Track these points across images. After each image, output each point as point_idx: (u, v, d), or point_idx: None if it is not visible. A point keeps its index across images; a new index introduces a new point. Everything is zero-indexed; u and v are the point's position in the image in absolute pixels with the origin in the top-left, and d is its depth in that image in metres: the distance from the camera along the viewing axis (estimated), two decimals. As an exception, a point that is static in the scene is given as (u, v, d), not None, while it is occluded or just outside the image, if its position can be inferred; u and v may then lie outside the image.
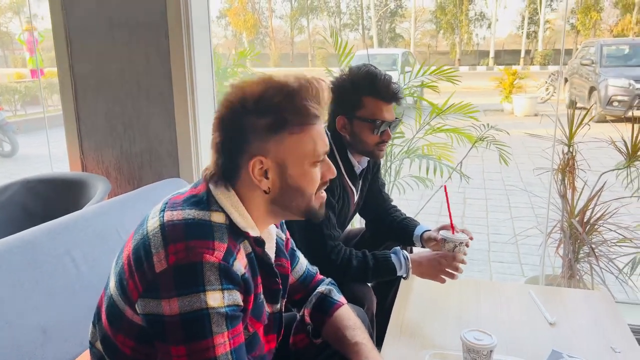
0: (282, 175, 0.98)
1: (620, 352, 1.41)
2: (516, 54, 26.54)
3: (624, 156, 2.29)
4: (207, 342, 0.87)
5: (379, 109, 1.58)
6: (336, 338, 1.21)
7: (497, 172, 4.97)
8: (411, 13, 30.41)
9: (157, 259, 0.88)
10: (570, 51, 25.50)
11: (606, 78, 8.34)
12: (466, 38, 28.37)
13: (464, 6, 27.12)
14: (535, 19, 26.88)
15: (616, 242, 2.33)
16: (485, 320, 1.40)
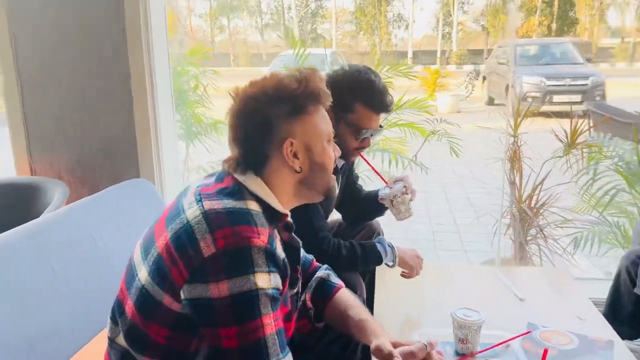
0: (309, 154, 1.06)
1: (586, 320, 1.57)
2: (433, 54, 27.65)
3: (564, 145, 2.51)
4: (256, 323, 0.91)
5: (368, 118, 1.62)
6: (339, 318, 1.26)
7: (448, 163, 5.19)
8: (332, 14, 30.78)
9: (204, 244, 0.92)
10: (481, 51, 27.04)
11: (520, 76, 8.97)
12: (385, 39, 29.14)
13: (383, 8, 27.84)
14: (449, 20, 28.15)
15: (559, 224, 2.55)
16: (462, 300, 1.49)
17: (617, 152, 2.64)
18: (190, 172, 2.81)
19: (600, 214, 2.56)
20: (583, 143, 2.53)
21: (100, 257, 1.68)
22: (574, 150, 2.50)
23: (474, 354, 1.37)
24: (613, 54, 23.59)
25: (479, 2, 26.95)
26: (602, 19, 24.51)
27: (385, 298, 1.69)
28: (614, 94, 10.14)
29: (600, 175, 2.58)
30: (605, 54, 23.47)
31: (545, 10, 24.59)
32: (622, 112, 5.61)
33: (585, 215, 2.59)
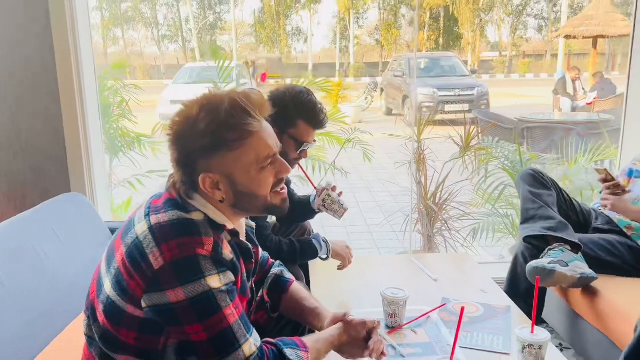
0: (233, 185, 1.08)
1: (488, 293, 1.88)
2: (332, 67, 28.41)
3: (460, 148, 2.89)
4: (219, 316, 1.02)
5: (308, 134, 1.80)
6: (295, 309, 1.41)
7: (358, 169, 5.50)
8: (231, 26, 30.63)
9: (153, 258, 0.99)
10: (377, 64, 28.31)
11: (415, 87, 9.68)
12: (286, 52, 29.51)
13: (282, 22, 28.22)
14: (346, 34, 29.16)
15: (459, 218, 2.92)
16: (385, 284, 1.66)
17: (503, 153, 3.06)
18: (115, 187, 2.83)
19: (492, 207, 2.96)
20: (475, 146, 2.91)
21: (44, 270, 1.71)
22: (468, 152, 2.88)
23: (401, 326, 1.61)
24: (493, 66, 25.93)
25: (373, 17, 28.33)
26: (483, 35, 26.87)
27: (320, 288, 1.89)
28: (496, 103, 11.22)
29: (491, 173, 2.98)
30: (486, 66, 25.73)
31: (432, 25, 26.47)
32: (504, 119, 6.34)
33: (481, 209, 2.99)
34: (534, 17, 28.37)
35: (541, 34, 28.58)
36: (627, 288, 1.90)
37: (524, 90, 16.30)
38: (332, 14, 29.39)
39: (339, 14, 27.36)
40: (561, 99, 9.09)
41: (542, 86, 17.52)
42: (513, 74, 24.32)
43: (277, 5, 26.79)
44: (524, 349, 1.38)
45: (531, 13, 28.25)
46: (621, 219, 2.12)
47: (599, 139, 3.39)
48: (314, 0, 27.27)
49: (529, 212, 2.09)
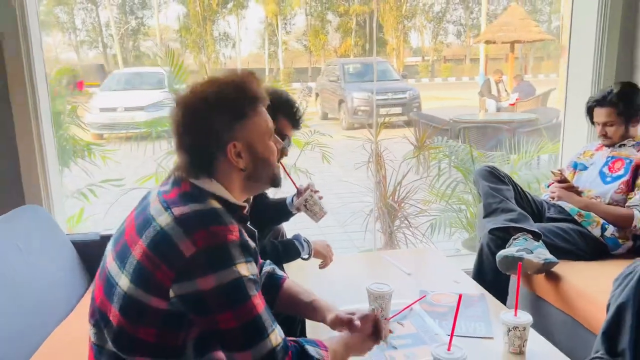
0: (253, 152, 1.14)
1: (460, 282, 1.97)
2: (261, 72, 28.26)
3: (415, 147, 3.00)
4: (248, 304, 1.03)
5: (287, 130, 1.83)
6: (292, 305, 1.43)
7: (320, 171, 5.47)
8: (155, 31, 29.74)
9: (184, 247, 1.00)
10: (306, 69, 28.52)
11: (350, 92, 9.88)
12: (213, 57, 29.04)
13: (208, 26, 27.77)
14: (274, 40, 29.17)
15: (417, 214, 3.03)
16: (364, 280, 1.70)
17: (453, 151, 3.21)
18: (67, 198, 2.67)
19: (446, 203, 3.10)
20: (428, 146, 3.04)
21: (8, 283, 1.62)
22: (423, 152, 3.00)
23: (388, 319, 1.65)
24: (417, 70, 26.94)
25: (300, 22, 28.56)
26: (406, 40, 27.86)
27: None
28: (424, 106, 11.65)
29: (443, 171, 3.12)
30: (411, 70, 26.70)
31: (359, 31, 27.10)
32: (439, 120, 6.63)
33: (436, 205, 3.11)
34: (452, 24, 29.82)
35: (460, 39, 30.10)
36: (585, 271, 2.06)
37: (447, 93, 17.07)
38: (259, 19, 29.30)
39: (266, 19, 27.36)
40: (487, 101, 9.62)
41: (464, 89, 18.41)
42: (436, 78, 25.42)
43: (203, 10, 26.33)
44: (509, 331, 1.47)
45: (450, 19, 29.67)
46: (572, 208, 2.30)
47: (536, 136, 3.64)
48: (241, 5, 27.09)
49: (491, 206, 2.21)
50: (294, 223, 2.10)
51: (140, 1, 27.79)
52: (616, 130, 2.29)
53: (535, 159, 3.27)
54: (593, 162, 2.41)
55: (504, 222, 2.13)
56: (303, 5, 27.52)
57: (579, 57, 2.71)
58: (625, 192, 2.23)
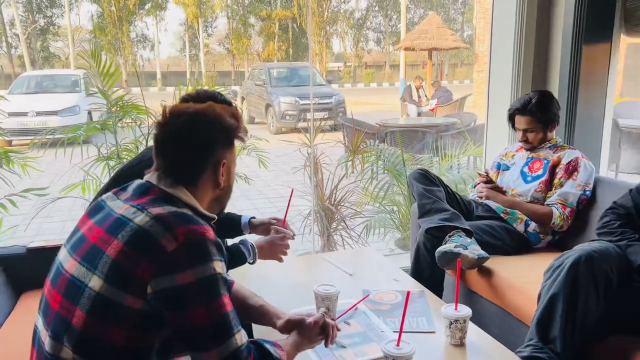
0: (229, 176, 1.24)
1: (400, 280, 2.05)
2: (182, 75, 27.68)
3: (349, 151, 3.07)
4: (220, 301, 1.06)
5: None
6: (240, 309, 1.40)
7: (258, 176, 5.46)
8: (66, 31, 28.22)
9: (165, 242, 1.03)
10: (229, 73, 28.19)
11: (277, 96, 9.90)
12: (131, 59, 28.01)
13: (124, 28, 26.76)
14: (195, 42, 28.58)
15: (352, 216, 3.10)
16: (308, 283, 1.74)
17: (384, 155, 3.32)
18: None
19: (379, 205, 3.20)
20: (361, 150, 3.13)
21: None
22: (357, 155, 3.08)
23: (334, 320, 1.69)
24: (340, 75, 27.48)
25: (222, 26, 28.20)
26: (328, 46, 28.35)
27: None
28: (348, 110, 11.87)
29: (376, 174, 3.22)
30: (334, 75, 27.16)
31: (282, 36, 27.22)
32: (366, 124, 6.80)
33: (370, 207, 3.20)
34: (373, 31, 30.76)
35: (380, 46, 31.10)
36: (512, 265, 2.21)
37: (370, 99, 17.56)
38: (179, 21, 28.69)
39: (186, 22, 26.76)
40: (408, 106, 10.00)
41: (385, 94, 19.01)
42: (358, 84, 26.07)
43: (119, 10, 25.30)
44: (451, 324, 1.56)
45: (370, 26, 30.60)
46: (499, 206, 2.46)
47: (460, 139, 3.85)
48: (159, 7, 26.31)
49: (425, 207, 2.32)
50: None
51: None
52: (536, 136, 2.48)
53: (459, 160, 3.45)
54: (514, 163, 2.59)
55: (439, 221, 2.23)
56: (224, 8, 27.17)
57: (499, 67, 2.91)
58: (545, 191, 2.42)
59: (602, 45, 2.62)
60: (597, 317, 1.63)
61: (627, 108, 6.84)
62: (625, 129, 5.59)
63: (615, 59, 2.70)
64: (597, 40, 2.60)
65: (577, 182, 2.36)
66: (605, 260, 1.65)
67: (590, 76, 2.63)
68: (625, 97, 11.52)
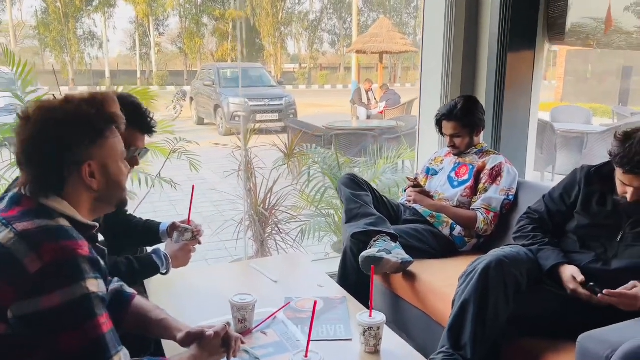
0: (106, 174, 1.14)
1: (324, 287, 2.04)
2: (132, 74, 26.97)
3: (285, 155, 3.04)
4: (94, 323, 0.99)
5: (134, 137, 1.70)
6: (141, 323, 1.37)
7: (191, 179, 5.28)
8: (8, 27, 27.00)
9: (28, 262, 0.95)
10: (182, 72, 27.67)
11: (227, 97, 9.76)
12: (78, 57, 27.06)
13: (71, 24, 25.83)
14: (146, 41, 27.91)
15: (287, 220, 3.07)
16: (230, 291, 1.70)
17: (321, 158, 3.31)
18: None
19: (316, 209, 3.19)
20: (298, 153, 3.11)
21: None
22: (292, 159, 3.06)
23: (251, 330, 1.66)
24: (295, 77, 27.44)
25: (174, 25, 27.64)
26: (283, 47, 28.27)
27: (165, 307, 1.81)
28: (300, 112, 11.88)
29: (312, 177, 3.20)
30: (289, 77, 27.12)
31: (236, 36, 26.91)
32: (313, 127, 6.81)
33: (306, 211, 3.18)
34: (327, 33, 30.89)
35: (334, 48, 31.26)
36: (436, 268, 2.24)
37: (324, 100, 17.62)
38: (129, 19, 27.88)
39: (137, 20, 26.09)
40: (358, 108, 10.08)
41: (339, 96, 19.11)
42: (313, 85, 26.11)
43: (65, 6, 24.38)
44: (365, 331, 1.55)
45: (325, 28, 30.71)
46: (425, 210, 2.49)
47: (398, 143, 3.89)
48: (108, 4, 25.52)
49: (352, 212, 2.32)
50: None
51: (-11, -8, 25.06)
52: (462, 141, 2.52)
53: (393, 164, 3.48)
54: (443, 168, 2.63)
55: (365, 226, 2.24)
56: (177, 7, 26.66)
57: (430, 73, 2.96)
58: (470, 195, 2.47)
59: (526, 52, 2.70)
60: (505, 319, 1.66)
61: (563, 112, 7.14)
62: (560, 132, 5.83)
63: (540, 65, 2.79)
64: (521, 48, 2.68)
65: (501, 187, 2.41)
66: (515, 265, 1.69)
67: (515, 82, 2.70)
68: (565, 102, 12.03)
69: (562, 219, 1.94)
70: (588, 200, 1.85)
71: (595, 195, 1.85)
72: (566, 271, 1.73)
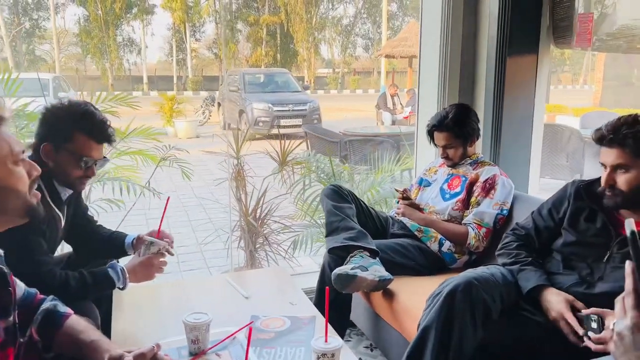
0: None
1: (296, 304, 1.93)
2: (169, 80, 27.56)
3: (278, 163, 2.96)
4: None
5: (88, 147, 1.66)
6: (72, 345, 1.27)
7: (184, 187, 5.41)
8: (52, 35, 28.04)
9: None
10: (217, 78, 28.10)
11: (251, 102, 9.79)
12: (117, 63, 27.86)
13: (111, 31, 26.62)
14: (183, 47, 28.47)
15: (280, 231, 2.98)
16: (196, 307, 1.64)
17: (319, 166, 3.21)
18: None
19: (311, 218, 3.08)
20: (292, 160, 3.02)
21: None
22: (286, 167, 2.97)
23: (205, 351, 1.57)
24: (327, 82, 27.44)
25: (209, 31, 28.12)
26: (317, 52, 28.32)
27: (124, 322, 1.76)
28: (329, 117, 11.81)
29: (308, 186, 3.10)
30: (321, 82, 27.13)
31: (270, 42, 27.17)
32: (331, 133, 6.71)
33: (300, 221, 3.09)
34: (361, 37, 30.77)
35: (368, 52, 31.09)
36: (417, 287, 2.09)
37: (354, 105, 17.53)
38: (166, 25, 28.53)
39: (174, 26, 26.66)
40: (383, 113, 9.93)
41: (370, 101, 18.97)
42: (345, 90, 26.03)
43: (105, 14, 25.16)
44: (319, 358, 1.44)
45: (359, 33, 30.61)
46: (413, 224, 2.35)
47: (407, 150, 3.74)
48: (146, 11, 26.19)
49: (332, 225, 2.20)
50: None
51: (34, 1, 26.07)
52: (455, 152, 2.38)
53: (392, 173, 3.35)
54: (436, 179, 2.49)
55: (343, 240, 2.12)
56: (213, 13, 27.11)
57: (427, 79, 2.82)
58: (462, 209, 2.32)
59: (528, 57, 2.53)
60: (472, 349, 1.52)
61: (594, 118, 6.80)
62: (589, 139, 5.54)
63: (545, 70, 2.61)
64: (522, 52, 2.51)
65: (494, 201, 2.26)
66: (486, 287, 1.54)
67: (516, 88, 2.54)
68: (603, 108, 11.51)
69: (549, 236, 1.78)
70: (576, 216, 1.70)
71: (585, 212, 1.69)
72: (551, 295, 1.57)
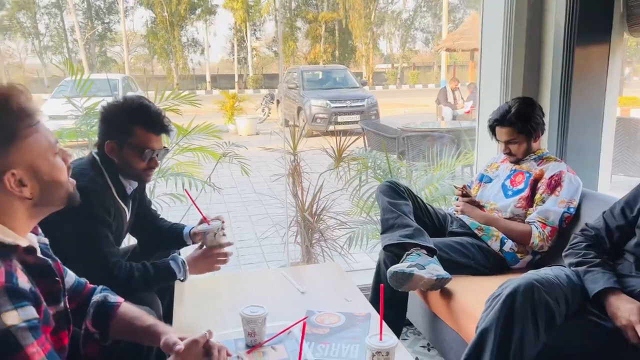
0: (38, 177, 1.04)
1: (352, 301, 1.92)
2: (231, 78, 28.20)
3: (333, 159, 2.95)
4: (22, 355, 0.92)
5: (148, 139, 1.73)
6: (128, 331, 1.32)
7: (244, 183, 5.58)
8: (122, 37, 29.40)
9: None
10: (276, 75, 28.52)
11: (309, 99, 9.85)
12: (181, 63, 28.83)
13: (176, 32, 27.57)
14: (244, 46, 29.05)
15: (336, 226, 2.98)
16: (253, 300, 1.68)
17: (376, 162, 3.18)
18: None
19: (367, 215, 3.06)
20: (348, 157, 3.00)
21: None
22: (342, 163, 2.96)
23: (261, 344, 1.60)
24: (386, 77, 27.16)
25: (269, 29, 28.54)
26: (375, 47, 28.09)
27: (185, 313, 1.82)
28: (388, 113, 11.69)
29: (364, 182, 3.08)
30: (380, 77, 26.89)
31: (328, 38, 27.21)
32: (388, 129, 6.63)
33: (356, 217, 3.07)
34: (421, 31, 30.22)
35: (428, 46, 30.49)
36: (477, 287, 2.02)
37: (413, 100, 17.24)
38: (228, 25, 29.25)
39: (235, 26, 27.26)
40: (443, 108, 9.70)
41: (430, 96, 18.62)
42: (404, 85, 25.66)
43: (171, 15, 26.12)
44: (373, 356, 1.42)
45: (418, 27, 30.08)
46: (473, 222, 2.27)
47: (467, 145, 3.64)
48: (209, 12, 26.94)
49: (388, 222, 2.17)
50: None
51: (106, 6, 27.41)
52: (519, 148, 2.28)
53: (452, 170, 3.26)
54: (497, 175, 2.40)
55: (399, 238, 2.09)
56: (272, 12, 27.51)
57: (489, 71, 2.72)
58: (525, 207, 2.22)
59: (599, 46, 2.38)
60: (533, 356, 1.44)
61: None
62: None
63: (618, 60, 2.45)
64: (592, 41, 2.37)
65: (560, 199, 2.15)
66: (549, 290, 1.46)
67: (585, 80, 2.40)
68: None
69: (621, 236, 1.67)
70: (652, 214, 1.58)
71: (661, 211, 1.57)
72: (620, 301, 1.47)
